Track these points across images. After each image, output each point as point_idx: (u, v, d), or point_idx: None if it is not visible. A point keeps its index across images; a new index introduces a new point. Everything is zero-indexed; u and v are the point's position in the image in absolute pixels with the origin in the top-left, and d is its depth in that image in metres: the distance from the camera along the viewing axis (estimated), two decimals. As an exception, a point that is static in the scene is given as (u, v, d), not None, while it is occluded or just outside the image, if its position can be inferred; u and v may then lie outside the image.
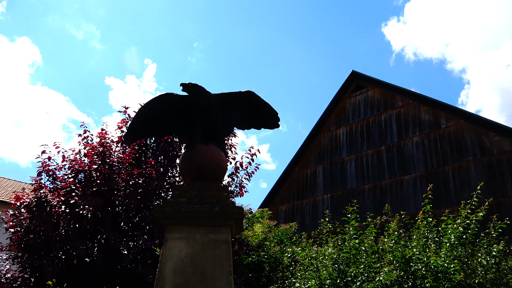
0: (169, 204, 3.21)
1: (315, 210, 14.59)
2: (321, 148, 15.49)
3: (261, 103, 4.04)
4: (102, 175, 5.95)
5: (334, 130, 15.46)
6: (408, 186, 12.81)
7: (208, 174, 3.47)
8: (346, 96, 15.62)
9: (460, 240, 6.13)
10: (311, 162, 15.54)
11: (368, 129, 14.54)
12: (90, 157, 6.18)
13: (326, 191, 14.57)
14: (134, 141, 4.12)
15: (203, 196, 3.32)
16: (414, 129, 13.37)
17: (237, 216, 3.24)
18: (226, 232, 3.21)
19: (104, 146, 6.26)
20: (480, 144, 11.85)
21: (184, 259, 3.08)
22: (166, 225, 3.21)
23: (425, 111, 13.37)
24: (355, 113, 15.15)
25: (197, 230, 3.19)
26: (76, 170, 6.28)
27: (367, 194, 13.60)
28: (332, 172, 14.77)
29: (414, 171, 12.86)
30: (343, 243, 6.46)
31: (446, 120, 12.81)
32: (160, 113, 3.79)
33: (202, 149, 3.57)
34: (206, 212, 3.17)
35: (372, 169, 13.82)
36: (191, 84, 3.67)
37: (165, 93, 3.76)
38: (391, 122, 14.06)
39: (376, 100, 14.77)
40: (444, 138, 12.64)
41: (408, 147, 13.30)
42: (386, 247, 6.33)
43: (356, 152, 14.47)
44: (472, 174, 11.71)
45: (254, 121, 4.19)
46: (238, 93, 3.94)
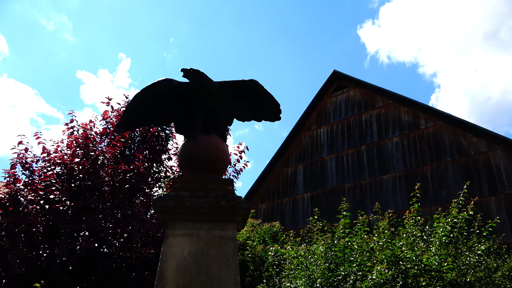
0: (171, 197, 2.95)
1: (295, 209, 14.52)
2: (302, 147, 15.44)
3: (265, 93, 3.84)
4: (85, 168, 5.56)
5: (315, 129, 15.45)
6: (388, 185, 12.94)
7: (211, 166, 3.24)
8: (327, 96, 15.64)
9: (448, 238, 6.15)
10: (292, 161, 15.46)
11: (348, 128, 14.60)
12: (72, 149, 5.75)
13: (307, 190, 14.52)
14: (129, 129, 3.83)
15: (208, 189, 3.08)
16: (394, 130, 13.53)
17: (244, 212, 3.03)
18: (233, 228, 2.98)
19: (87, 138, 5.85)
20: (457, 145, 12.12)
21: (187, 258, 2.84)
22: (167, 220, 2.95)
23: (404, 112, 13.56)
24: (336, 112, 15.19)
25: (201, 226, 2.95)
26: (56, 163, 5.84)
27: (347, 193, 13.65)
28: (313, 171, 14.75)
29: (393, 171, 13.00)
30: (333, 241, 6.34)
31: (425, 121, 13.03)
32: (158, 100, 3.51)
33: (204, 139, 3.33)
34: (211, 206, 2.93)
35: (353, 168, 13.88)
36: (192, 70, 3.42)
37: (164, 78, 3.48)
38: (371, 122, 14.18)
39: (357, 100, 14.86)
40: (423, 138, 12.85)
41: (388, 147, 13.44)
42: (376, 246, 6.27)
43: (337, 152, 14.50)
44: (450, 174, 11.95)
45: (255, 113, 3.99)
46: (241, 81, 3.72)
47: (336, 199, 13.82)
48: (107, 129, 6.29)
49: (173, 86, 3.50)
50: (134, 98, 3.47)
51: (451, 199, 11.37)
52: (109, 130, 6.24)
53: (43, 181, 5.55)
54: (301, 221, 14.07)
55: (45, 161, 5.93)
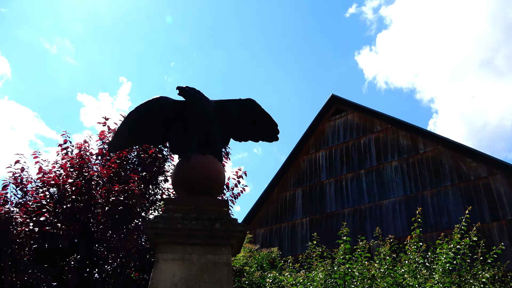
0: (163, 219, 2.81)
1: (294, 233, 14.23)
2: (301, 171, 15.30)
3: (262, 113, 3.76)
4: (78, 189, 5.39)
5: (313, 153, 15.36)
6: (388, 210, 12.74)
7: (205, 187, 3.11)
8: (326, 119, 15.65)
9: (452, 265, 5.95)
10: (290, 185, 15.29)
11: (347, 152, 14.52)
12: (66, 169, 5.61)
13: (305, 215, 14.29)
14: (121, 149, 3.72)
15: (201, 211, 2.94)
16: (393, 154, 13.45)
17: (240, 235, 2.88)
18: (227, 252, 2.83)
19: (82, 158, 5.71)
20: (457, 170, 12.01)
21: (178, 284, 2.67)
22: (158, 243, 2.80)
23: (403, 136, 13.52)
24: (335, 136, 15.15)
25: (194, 250, 2.79)
26: (49, 184, 5.68)
27: (346, 218, 13.41)
28: (312, 195, 14.56)
29: (393, 195, 12.84)
30: (333, 267, 6.13)
31: (424, 145, 12.98)
32: (153, 118, 3.41)
33: (198, 159, 3.21)
34: (205, 229, 2.79)
35: (352, 192, 13.71)
36: (188, 87, 3.35)
37: (159, 96, 3.40)
38: (370, 146, 14.12)
39: (356, 124, 14.85)
40: (422, 163, 12.75)
41: (387, 172, 13.31)
42: (377, 273, 6.06)
43: (336, 176, 14.37)
44: (450, 199, 11.78)
45: (253, 133, 3.89)
46: (238, 100, 3.64)
47: (336, 224, 13.57)
48: (103, 150, 6.17)
49: (168, 104, 3.42)
50: (128, 116, 3.38)
51: (452, 225, 11.22)
52: (105, 150, 6.12)
53: (35, 202, 5.38)
54: (299, 246, 13.77)
55: (40, 182, 5.78)
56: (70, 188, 5.41)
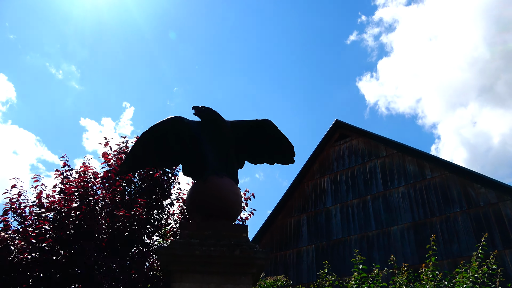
0: (179, 245, 2.63)
1: (299, 261, 13.83)
2: (305, 196, 15.06)
3: (278, 134, 3.64)
4: (82, 214, 5.20)
5: (318, 178, 15.17)
6: (396, 237, 12.42)
7: (223, 210, 2.95)
8: (330, 145, 15.55)
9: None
10: (295, 211, 15.01)
11: (353, 177, 14.33)
12: (69, 194, 5.42)
13: (311, 242, 13.93)
14: (134, 171, 3.59)
15: (219, 236, 2.77)
16: (400, 179, 13.26)
17: (261, 263, 2.69)
18: (247, 282, 2.63)
19: (86, 182, 5.54)
20: (466, 196, 11.79)
21: (196, 316, 2.46)
22: (173, 271, 2.61)
23: (409, 162, 13.37)
24: (340, 161, 15.00)
25: (212, 279, 2.60)
26: (49, 209, 5.48)
27: (353, 245, 13.07)
28: (317, 221, 14.25)
29: (401, 222, 12.55)
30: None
31: (431, 170, 12.80)
32: (166, 139, 3.29)
33: (215, 181, 3.07)
34: (224, 256, 2.60)
35: (358, 219, 13.42)
36: (204, 107, 3.24)
37: (174, 116, 3.30)
38: (376, 171, 13.94)
39: (360, 149, 14.74)
40: (430, 188, 12.54)
41: (394, 197, 13.08)
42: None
43: (341, 201, 14.11)
44: (460, 226, 11.50)
45: (268, 155, 3.76)
46: (254, 121, 3.54)
47: (343, 251, 13.21)
48: (108, 173, 5.99)
49: (183, 124, 3.30)
50: (142, 136, 3.26)
51: (463, 252, 10.93)
52: (110, 174, 5.95)
53: (36, 228, 5.17)
54: (305, 274, 13.35)
55: (39, 207, 5.58)
56: (74, 213, 5.21)
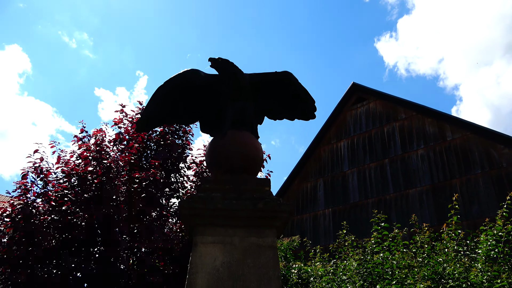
0: (201, 199, 2.55)
1: (316, 225, 13.93)
2: (322, 161, 14.94)
3: (299, 88, 3.46)
4: (99, 178, 5.21)
5: (335, 143, 14.97)
6: (414, 200, 12.30)
7: (243, 164, 2.84)
8: (347, 108, 15.21)
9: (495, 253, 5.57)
10: (311, 176, 14.95)
11: (370, 141, 14.09)
12: (84, 158, 5.42)
13: (328, 205, 13.95)
14: (150, 128, 3.49)
15: (241, 190, 2.68)
16: (419, 142, 12.96)
17: (285, 216, 2.60)
18: (272, 235, 2.56)
19: (99, 145, 5.52)
20: (488, 157, 11.48)
21: (220, 269, 2.42)
22: (195, 225, 2.55)
23: (429, 123, 13.01)
24: (357, 125, 14.72)
25: (235, 233, 2.53)
26: (69, 173, 5.52)
27: (370, 208, 13.02)
28: (334, 185, 14.20)
29: (419, 184, 12.38)
30: (366, 257, 5.81)
31: (452, 132, 12.45)
32: (183, 93, 3.16)
33: (235, 135, 2.95)
34: (247, 209, 2.52)
35: (376, 182, 13.30)
36: (221, 59, 3.07)
37: (189, 69, 3.14)
38: (394, 134, 13.65)
39: (378, 113, 14.39)
40: (450, 151, 12.25)
41: (413, 160, 12.85)
42: (413, 262, 5.73)
43: (358, 165, 13.96)
44: (480, 187, 11.28)
45: (288, 110, 3.60)
46: (273, 73, 3.35)
47: (359, 215, 13.21)
48: (120, 135, 5.97)
49: (199, 78, 3.15)
50: (157, 91, 3.12)
51: (483, 214, 10.74)
52: (122, 135, 5.93)
53: (56, 191, 5.23)
54: (322, 237, 13.46)
55: (60, 172, 5.64)
56: (91, 176, 5.23)
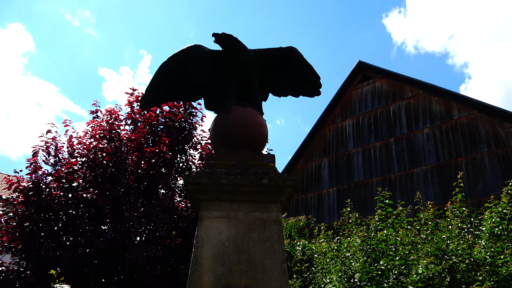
0: (206, 174, 2.57)
1: (321, 204, 14.04)
2: (327, 141, 14.93)
3: (304, 64, 3.42)
4: (109, 155, 5.27)
5: (339, 122, 14.92)
6: (419, 179, 12.32)
7: (248, 140, 2.85)
8: (352, 87, 15.08)
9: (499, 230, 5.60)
10: (316, 155, 14.98)
11: (375, 120, 14.01)
12: (96, 136, 5.48)
13: (332, 185, 14.03)
14: (154, 105, 3.48)
15: (246, 166, 2.70)
16: (425, 121, 12.87)
17: (290, 191, 2.62)
18: (277, 210, 2.59)
19: (110, 124, 5.57)
20: (495, 135, 11.39)
21: (225, 243, 2.46)
22: (201, 200, 2.58)
23: (436, 102, 12.88)
24: (362, 104, 14.61)
25: (240, 207, 2.56)
26: (80, 153, 5.60)
27: (375, 187, 13.07)
28: (338, 165, 14.23)
29: (425, 163, 12.36)
30: (370, 234, 5.86)
31: (459, 110, 12.33)
32: (185, 70, 3.14)
33: (239, 111, 2.94)
34: (252, 184, 2.54)
35: (380, 161, 13.30)
36: (225, 34, 3.03)
37: (193, 45, 3.11)
38: (400, 113, 13.55)
39: (384, 91, 14.25)
40: (456, 129, 12.16)
41: (418, 139, 12.80)
42: (417, 239, 5.79)
43: (363, 145, 13.94)
44: (486, 166, 11.24)
45: (293, 86, 3.57)
46: (278, 49, 3.32)
47: (364, 193, 13.28)
48: (132, 114, 6.01)
49: (203, 53, 3.12)
50: (160, 68, 3.10)
51: (488, 192, 10.74)
52: (134, 116, 5.97)
53: (66, 168, 5.31)
54: (326, 216, 13.60)
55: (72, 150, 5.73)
56: (101, 154, 5.29)
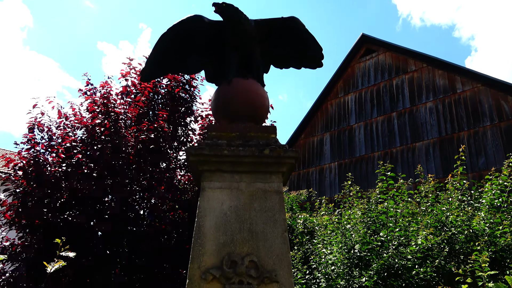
0: (207, 145, 2.58)
1: (322, 178, 14.15)
2: (329, 115, 14.89)
3: (306, 35, 3.36)
4: (107, 130, 5.26)
5: (342, 97, 14.82)
6: (420, 153, 12.34)
7: (249, 112, 2.84)
8: (355, 61, 14.89)
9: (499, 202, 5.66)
10: (318, 130, 14.98)
11: (378, 95, 13.91)
12: (92, 110, 5.45)
13: (334, 159, 14.09)
14: (155, 77, 3.45)
15: (247, 137, 2.70)
16: (428, 94, 12.77)
17: (291, 162, 2.63)
18: (278, 180, 2.61)
19: (106, 98, 5.53)
20: (498, 109, 11.33)
21: (227, 213, 2.49)
22: (203, 171, 2.60)
23: (440, 75, 12.73)
24: (365, 78, 14.47)
25: (242, 178, 2.58)
26: (76, 126, 5.58)
27: (376, 161, 13.12)
28: (340, 139, 14.25)
29: (427, 137, 12.36)
30: (370, 206, 5.93)
31: (462, 84, 12.21)
32: (187, 40, 3.09)
33: (240, 82, 2.92)
34: (253, 155, 2.55)
35: (382, 136, 13.30)
36: (225, 4, 2.97)
37: (193, 15, 3.05)
38: (403, 87, 13.43)
39: (387, 65, 14.07)
40: (459, 103, 12.08)
41: (421, 113, 12.74)
42: (417, 210, 5.87)
43: (365, 119, 13.90)
44: (488, 140, 11.23)
45: (295, 58, 3.53)
46: (280, 19, 3.25)
47: (365, 168, 13.35)
48: (127, 88, 5.95)
49: (203, 24, 3.07)
50: (160, 39, 3.05)
51: (489, 166, 10.77)
52: (129, 89, 5.91)
53: (64, 144, 5.31)
54: (328, 191, 13.72)
55: (65, 125, 5.69)
56: (99, 129, 5.28)
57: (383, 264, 4.80)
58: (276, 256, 2.40)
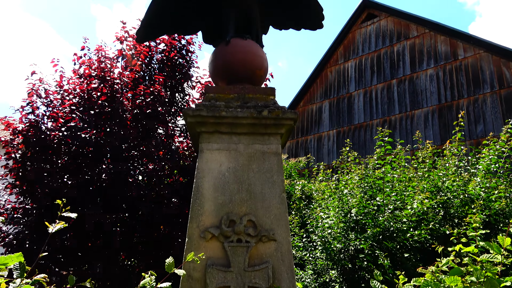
0: (205, 107, 2.56)
1: (320, 146, 14.20)
2: (328, 83, 14.73)
3: (306, -7, 3.26)
4: (104, 95, 5.20)
5: (342, 63, 14.61)
6: (419, 120, 12.33)
7: (248, 73, 2.79)
8: (356, 26, 14.56)
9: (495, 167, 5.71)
10: (317, 97, 14.87)
11: (379, 61, 13.70)
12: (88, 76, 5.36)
13: (332, 127, 14.08)
14: (150, 38, 3.38)
15: (245, 99, 2.67)
16: (429, 61, 12.59)
17: (290, 123, 2.62)
18: (276, 142, 2.60)
19: (102, 62, 5.42)
20: (499, 76, 11.20)
21: (225, 174, 2.50)
22: (201, 133, 2.59)
23: (441, 41, 12.49)
24: (366, 44, 14.20)
25: (240, 140, 2.58)
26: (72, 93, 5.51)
27: (374, 129, 13.13)
28: (339, 107, 14.18)
29: (426, 105, 12.30)
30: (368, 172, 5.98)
31: (464, 50, 12.01)
32: (183, 0, 3.00)
33: (238, 43, 2.85)
34: (251, 117, 2.53)
35: (382, 103, 13.23)
36: (223, -41, 2.86)
37: (189, -28, 2.95)
38: (404, 53, 13.22)
39: (389, 30, 13.77)
40: (460, 70, 11.93)
41: (421, 80, 12.61)
42: (414, 176, 5.93)
43: (365, 86, 13.77)
44: (488, 107, 11.19)
45: (294, 19, 3.43)
46: (279, -23, 3.14)
47: (363, 136, 13.38)
48: (122, 51, 5.84)
49: (201, -19, 2.96)
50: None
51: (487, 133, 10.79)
52: (125, 52, 5.80)
53: (63, 108, 5.27)
54: (326, 158, 13.81)
55: (63, 91, 5.62)
56: (96, 93, 5.22)
57: (379, 226, 4.90)
58: (274, 215, 2.43)
